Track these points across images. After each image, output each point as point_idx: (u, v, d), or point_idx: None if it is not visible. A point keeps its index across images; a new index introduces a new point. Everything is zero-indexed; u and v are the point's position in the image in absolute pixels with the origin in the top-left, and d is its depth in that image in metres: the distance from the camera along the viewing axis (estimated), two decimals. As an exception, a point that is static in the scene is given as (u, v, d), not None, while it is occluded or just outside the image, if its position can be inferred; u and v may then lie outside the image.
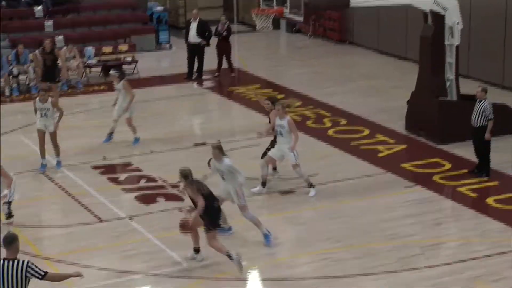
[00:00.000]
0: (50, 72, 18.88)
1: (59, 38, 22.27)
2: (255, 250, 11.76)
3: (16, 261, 8.32)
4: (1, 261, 8.33)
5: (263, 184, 13.71)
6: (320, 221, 12.69)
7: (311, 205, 13.26)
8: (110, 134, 16.32)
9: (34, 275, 8.37)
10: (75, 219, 12.84)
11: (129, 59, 22.07)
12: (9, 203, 12.48)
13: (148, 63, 22.74)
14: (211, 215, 10.93)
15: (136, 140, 16.27)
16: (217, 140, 12.01)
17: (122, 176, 14.64)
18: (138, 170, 14.95)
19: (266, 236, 11.80)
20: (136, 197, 13.73)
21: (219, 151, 11.52)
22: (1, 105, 18.10)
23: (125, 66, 21.95)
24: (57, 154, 14.98)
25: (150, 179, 14.50)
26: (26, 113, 18.59)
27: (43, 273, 8.42)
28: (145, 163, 15.26)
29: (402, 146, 16.13)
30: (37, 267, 8.40)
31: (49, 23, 23.15)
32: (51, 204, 13.45)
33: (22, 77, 20.53)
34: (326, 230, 12.30)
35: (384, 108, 18.28)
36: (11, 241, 8.38)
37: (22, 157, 15.36)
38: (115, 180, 14.46)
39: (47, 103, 14.81)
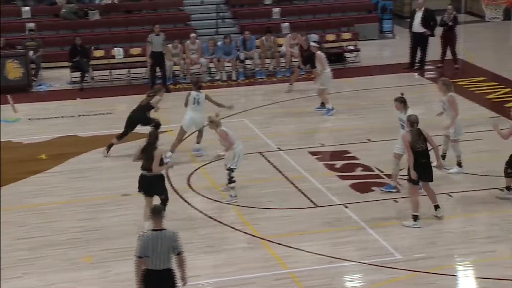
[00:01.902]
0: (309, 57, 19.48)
1: (285, 25, 22.78)
2: (472, 247, 11.38)
3: (165, 231, 8.69)
4: (149, 233, 8.73)
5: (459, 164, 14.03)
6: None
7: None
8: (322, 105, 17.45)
9: (174, 246, 8.65)
10: (292, 202, 13.09)
11: (351, 47, 22.11)
12: (231, 169, 13.02)
13: (370, 51, 22.64)
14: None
15: (329, 110, 17.12)
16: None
17: (339, 163, 14.71)
18: (354, 158, 14.96)
19: None
20: (351, 185, 13.74)
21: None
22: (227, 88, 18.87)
23: (347, 54, 22.04)
24: None
25: (366, 168, 14.46)
26: (250, 96, 19.26)
27: (181, 250, 8.73)
28: (362, 152, 15.22)
29: None
30: (179, 240, 8.72)
31: (276, 10, 23.73)
32: (269, 186, 13.80)
33: (248, 62, 21.23)
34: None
35: None
36: (160, 211, 8.82)
37: (244, 139, 15.86)
38: (331, 167, 14.57)
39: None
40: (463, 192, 13.30)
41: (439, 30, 20.94)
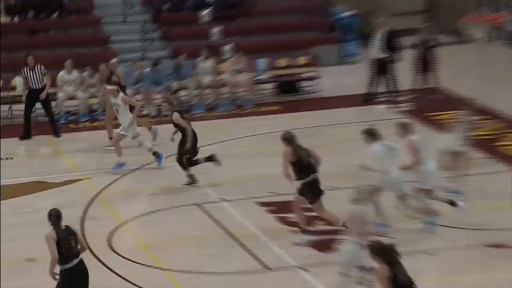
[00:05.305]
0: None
1: (227, 48, 22.92)
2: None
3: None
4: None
5: None
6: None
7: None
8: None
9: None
10: (237, 265, 13.10)
11: (309, 75, 22.30)
12: None
13: (331, 80, 22.88)
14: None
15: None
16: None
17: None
18: (311, 209, 15.01)
19: None
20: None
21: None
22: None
23: (304, 83, 22.22)
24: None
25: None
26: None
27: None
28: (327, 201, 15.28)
29: None
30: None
31: (216, 30, 23.88)
32: (209, 246, 13.79)
33: (182, 93, 21.26)
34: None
35: None
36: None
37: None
38: (284, 220, 14.62)
39: (117, 98, 16.56)
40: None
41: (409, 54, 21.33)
